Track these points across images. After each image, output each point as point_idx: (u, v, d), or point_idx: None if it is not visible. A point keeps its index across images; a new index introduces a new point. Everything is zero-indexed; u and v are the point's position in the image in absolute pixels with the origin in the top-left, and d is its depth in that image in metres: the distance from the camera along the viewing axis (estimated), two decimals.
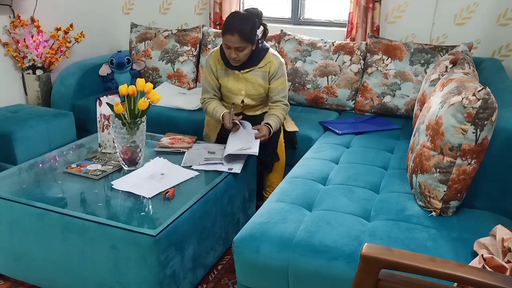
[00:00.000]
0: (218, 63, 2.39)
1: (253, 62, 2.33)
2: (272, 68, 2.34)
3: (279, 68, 2.35)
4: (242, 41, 2.18)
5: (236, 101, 2.42)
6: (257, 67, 2.35)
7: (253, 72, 2.35)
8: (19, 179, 1.99)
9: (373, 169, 2.00)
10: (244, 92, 2.38)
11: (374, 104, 2.83)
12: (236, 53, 2.22)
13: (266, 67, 2.35)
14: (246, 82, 2.37)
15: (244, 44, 2.20)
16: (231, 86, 2.38)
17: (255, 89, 2.38)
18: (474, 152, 1.49)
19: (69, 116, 2.82)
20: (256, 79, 2.36)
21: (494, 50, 2.88)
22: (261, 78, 2.36)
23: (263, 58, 2.34)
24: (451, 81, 1.68)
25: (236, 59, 2.25)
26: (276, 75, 2.35)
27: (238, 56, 2.24)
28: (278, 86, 2.37)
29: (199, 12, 3.63)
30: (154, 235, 1.54)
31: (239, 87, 2.38)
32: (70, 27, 3.22)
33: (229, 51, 2.24)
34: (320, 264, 1.41)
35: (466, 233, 1.50)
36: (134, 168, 2.03)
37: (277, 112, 2.35)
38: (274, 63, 2.34)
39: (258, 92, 2.39)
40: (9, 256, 1.87)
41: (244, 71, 2.35)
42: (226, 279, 2.00)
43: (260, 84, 2.37)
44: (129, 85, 1.95)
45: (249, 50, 2.25)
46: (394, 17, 3.08)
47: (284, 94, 2.40)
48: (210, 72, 2.41)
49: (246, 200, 2.25)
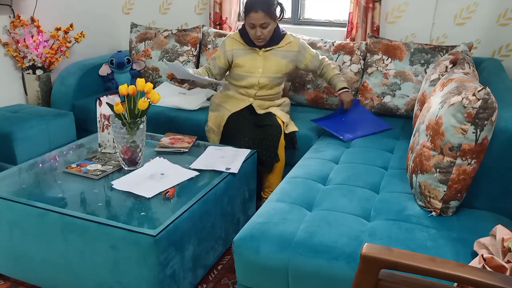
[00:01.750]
0: (235, 43, 2.50)
1: (274, 42, 2.47)
2: (295, 46, 2.50)
3: (302, 44, 2.53)
4: (266, 16, 2.32)
5: (252, 81, 2.49)
6: (277, 46, 2.48)
7: (273, 51, 2.49)
8: (19, 179, 1.99)
9: (373, 169, 2.00)
10: (262, 70, 2.48)
11: (374, 104, 2.83)
12: (261, 31, 2.35)
13: (287, 47, 2.49)
14: (264, 61, 2.48)
15: (268, 20, 2.34)
16: (249, 64, 2.48)
17: (272, 67, 2.48)
18: (474, 152, 1.49)
19: (69, 116, 2.82)
20: (275, 58, 2.49)
21: (494, 50, 2.88)
22: (281, 57, 2.49)
23: (283, 38, 2.49)
24: (451, 81, 1.68)
25: (261, 37, 2.37)
26: (303, 50, 2.52)
27: (263, 33, 2.36)
28: (312, 54, 2.55)
29: (199, 12, 3.63)
30: (154, 235, 1.54)
31: (256, 65, 2.47)
32: (70, 27, 3.22)
33: (253, 30, 2.36)
34: (320, 264, 1.41)
35: (466, 233, 1.50)
36: (134, 168, 2.03)
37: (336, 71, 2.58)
38: (294, 42, 2.51)
39: (274, 70, 2.49)
40: (9, 256, 1.87)
41: (265, 49, 2.48)
42: (226, 279, 2.00)
43: (279, 63, 2.48)
44: (129, 85, 1.95)
45: (272, 27, 2.39)
46: (394, 17, 3.08)
47: (317, 55, 2.57)
48: (223, 52, 2.52)
49: (246, 200, 2.26)
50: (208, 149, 2.27)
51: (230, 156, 2.18)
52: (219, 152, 2.24)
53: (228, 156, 2.18)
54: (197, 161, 2.13)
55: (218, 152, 2.23)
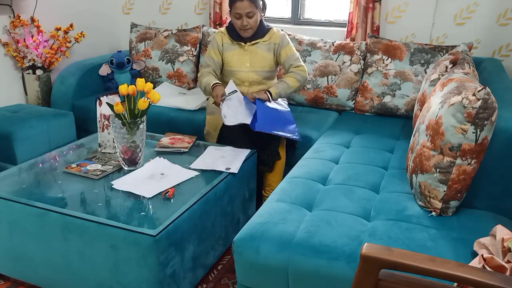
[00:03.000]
0: (224, 37, 2.50)
1: (259, 35, 2.45)
2: (277, 38, 2.46)
3: (283, 37, 2.47)
4: (252, 5, 2.32)
5: (241, 76, 2.48)
6: (262, 40, 2.46)
7: (258, 44, 2.46)
8: (19, 179, 1.99)
9: (373, 169, 2.00)
10: (249, 64, 2.46)
11: (374, 104, 2.83)
12: (247, 20, 2.34)
13: (271, 40, 2.46)
14: (250, 55, 2.46)
15: (253, 9, 2.33)
16: (236, 59, 2.47)
17: (259, 61, 2.46)
18: (474, 152, 1.49)
19: (69, 116, 2.82)
20: (260, 51, 2.46)
21: (494, 50, 2.88)
22: (266, 50, 2.47)
23: (268, 32, 2.47)
24: (451, 81, 1.68)
25: (247, 26, 2.36)
26: (282, 43, 2.45)
27: (249, 23, 2.35)
28: (287, 53, 2.46)
29: (199, 12, 3.63)
30: (154, 235, 1.54)
31: (244, 59, 2.46)
32: (70, 27, 3.22)
33: (239, 20, 2.36)
34: (320, 264, 1.41)
35: (466, 233, 1.50)
36: (134, 168, 2.03)
37: (287, 79, 2.43)
38: (277, 34, 2.47)
39: (261, 64, 2.46)
40: (9, 256, 1.87)
41: (250, 43, 2.45)
42: (226, 279, 2.00)
43: (264, 56, 2.46)
44: (129, 85, 1.95)
45: (257, 17, 2.38)
46: (394, 17, 3.08)
47: (295, 57, 2.47)
48: (215, 47, 2.50)
49: (246, 200, 2.26)
50: (208, 149, 2.27)
51: (230, 156, 2.18)
52: (219, 152, 2.23)
53: (228, 156, 2.18)
54: (197, 161, 2.13)
55: (218, 152, 2.23)
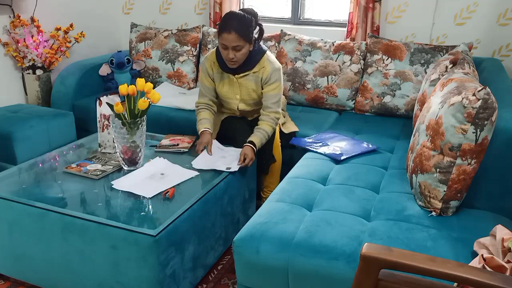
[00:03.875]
0: (213, 66, 2.34)
1: (248, 66, 2.27)
2: (265, 74, 2.27)
3: (272, 74, 2.26)
4: (240, 39, 2.12)
5: (232, 107, 2.41)
6: (251, 72, 2.28)
7: (247, 77, 2.30)
8: (19, 179, 1.99)
9: (373, 169, 2.00)
10: (239, 96, 2.35)
11: (374, 104, 2.83)
12: (233, 53, 2.15)
13: (259, 73, 2.28)
14: (240, 87, 2.32)
15: (241, 43, 2.14)
16: (226, 90, 2.35)
17: (249, 94, 2.34)
18: (474, 152, 1.49)
19: (69, 116, 2.82)
20: (249, 84, 2.31)
21: (494, 50, 2.88)
22: (254, 83, 2.31)
23: (258, 62, 2.27)
24: (451, 81, 1.68)
25: (233, 59, 2.18)
26: (268, 81, 2.27)
27: (236, 56, 2.16)
28: (269, 92, 2.29)
29: (199, 12, 3.63)
30: (154, 235, 1.54)
31: (234, 91, 2.34)
32: (70, 27, 3.22)
33: (226, 52, 2.17)
34: (320, 264, 1.41)
35: (466, 233, 1.50)
36: (134, 168, 2.03)
37: (264, 126, 2.27)
38: (267, 68, 2.26)
39: (251, 97, 2.35)
40: (9, 256, 1.87)
41: (239, 75, 2.29)
42: (226, 279, 2.00)
43: (253, 89, 2.32)
44: (129, 85, 1.95)
45: (246, 50, 2.19)
46: (394, 17, 3.08)
47: (274, 101, 2.29)
48: (207, 75, 2.36)
49: (246, 200, 2.25)
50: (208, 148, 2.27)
51: (230, 156, 2.18)
52: (219, 152, 2.23)
53: (228, 156, 2.18)
54: (197, 160, 2.13)
55: (218, 152, 2.23)
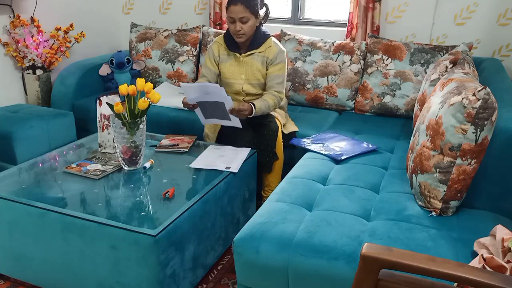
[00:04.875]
0: (220, 48, 2.44)
1: (254, 45, 2.37)
2: (271, 53, 2.37)
3: (278, 54, 2.37)
4: (246, 10, 2.23)
5: (237, 88, 2.44)
6: (257, 51, 2.38)
7: (253, 56, 2.39)
8: (19, 179, 1.99)
9: (373, 169, 2.00)
10: (244, 76, 2.41)
11: (374, 104, 2.83)
12: (240, 25, 2.26)
13: (266, 52, 2.39)
14: (246, 66, 2.41)
15: (247, 14, 2.25)
16: (232, 70, 2.42)
17: (254, 74, 2.41)
18: (474, 152, 1.49)
19: (69, 116, 2.82)
20: (255, 63, 2.40)
21: (494, 50, 2.88)
22: (260, 62, 2.40)
23: (264, 42, 2.38)
24: (451, 81, 1.68)
25: (240, 32, 2.28)
26: (274, 61, 2.37)
27: (243, 28, 2.27)
28: (274, 72, 2.39)
29: (199, 12, 3.63)
30: (154, 235, 1.54)
31: (239, 71, 2.41)
32: (70, 27, 3.22)
33: (233, 25, 2.28)
34: (320, 264, 1.41)
35: (466, 233, 1.50)
36: (134, 168, 2.04)
37: (267, 97, 2.35)
38: (273, 48, 2.37)
39: (256, 77, 2.42)
40: (9, 256, 1.87)
41: (245, 54, 2.39)
42: (226, 279, 2.00)
43: (259, 69, 2.40)
44: (129, 85, 1.95)
45: (253, 23, 2.29)
46: (394, 17, 3.08)
47: (279, 81, 2.39)
48: (211, 58, 2.46)
49: (246, 200, 2.26)
50: (208, 148, 2.27)
51: (230, 156, 2.18)
52: (219, 151, 2.23)
53: (228, 156, 2.18)
54: (197, 160, 2.13)
55: (218, 151, 2.23)
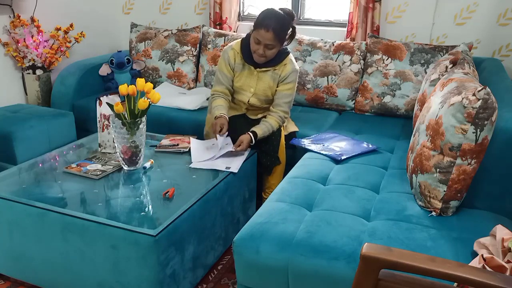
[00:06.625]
0: (236, 56, 2.38)
1: (272, 63, 2.33)
2: (284, 71, 2.34)
3: (291, 73, 2.34)
4: (275, 39, 2.19)
5: (243, 99, 2.43)
6: (273, 68, 2.35)
7: (267, 72, 2.36)
8: (19, 179, 1.99)
9: (373, 169, 2.00)
10: (254, 90, 2.39)
11: (374, 104, 2.83)
12: (264, 50, 2.22)
13: (279, 70, 2.34)
14: (258, 81, 2.37)
15: (275, 43, 2.21)
16: (243, 81, 2.39)
17: (264, 90, 2.38)
18: (474, 152, 1.49)
19: (69, 116, 2.82)
20: (267, 79, 2.36)
21: (494, 50, 2.88)
22: (272, 79, 2.36)
23: (282, 61, 2.34)
24: (451, 81, 1.68)
25: (263, 55, 2.24)
26: (286, 79, 2.34)
27: (266, 53, 2.23)
28: (284, 91, 2.35)
29: (199, 12, 3.63)
30: (154, 235, 1.54)
31: (250, 83, 2.38)
32: (70, 27, 3.22)
33: (257, 46, 2.23)
34: (320, 264, 1.41)
35: (466, 233, 1.50)
36: (134, 168, 2.04)
37: (271, 120, 2.32)
38: (288, 67, 2.34)
39: (265, 93, 2.38)
40: (9, 256, 1.87)
41: (261, 69, 2.35)
42: (226, 279, 2.00)
43: (270, 85, 2.37)
44: (129, 85, 1.95)
45: (276, 50, 2.26)
46: (394, 17, 3.08)
47: (287, 101, 2.36)
48: (227, 64, 2.39)
49: (246, 200, 2.26)
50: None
51: (230, 156, 2.18)
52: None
53: (228, 156, 2.18)
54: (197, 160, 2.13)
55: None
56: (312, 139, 2.39)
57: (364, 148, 2.21)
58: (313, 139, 2.39)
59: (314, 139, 2.38)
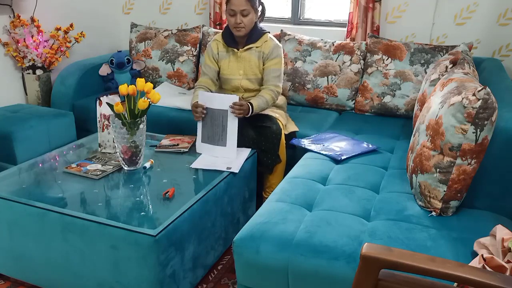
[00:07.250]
0: (219, 45, 2.48)
1: (251, 40, 2.42)
2: (267, 48, 2.41)
3: (274, 48, 2.41)
4: (247, 3, 2.29)
5: (235, 84, 2.47)
6: (254, 46, 2.42)
7: (250, 51, 2.44)
8: (19, 179, 1.99)
9: (373, 169, 2.00)
10: (242, 71, 2.44)
11: (374, 104, 2.83)
12: (240, 18, 2.31)
13: (262, 47, 2.42)
14: (244, 62, 2.44)
15: (248, 7, 2.30)
16: (230, 66, 2.45)
17: (252, 69, 2.44)
18: (474, 152, 1.49)
19: (69, 116, 2.82)
20: (253, 58, 2.44)
21: (494, 50, 2.88)
22: (257, 58, 2.44)
23: (261, 37, 2.43)
24: (451, 81, 1.68)
25: (240, 25, 2.33)
26: (270, 55, 2.41)
27: (243, 21, 2.32)
28: (271, 66, 2.42)
29: (199, 12, 3.63)
30: (154, 235, 1.54)
31: (237, 66, 2.45)
32: (70, 27, 3.22)
33: (234, 18, 2.33)
34: (320, 264, 1.41)
35: (466, 233, 1.50)
36: (134, 168, 2.04)
37: (264, 93, 2.38)
38: (269, 43, 2.42)
39: (254, 72, 2.45)
40: (9, 256, 1.87)
41: (243, 49, 2.43)
42: (226, 279, 2.00)
43: (256, 64, 2.44)
44: (129, 85, 1.95)
45: (252, 17, 2.35)
46: (394, 17, 3.08)
47: (276, 75, 2.42)
48: (211, 55, 2.49)
49: (246, 200, 2.26)
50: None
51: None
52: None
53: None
54: (197, 160, 2.13)
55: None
56: (312, 139, 2.39)
57: (364, 148, 2.21)
58: (313, 139, 2.39)
59: (314, 139, 2.38)
